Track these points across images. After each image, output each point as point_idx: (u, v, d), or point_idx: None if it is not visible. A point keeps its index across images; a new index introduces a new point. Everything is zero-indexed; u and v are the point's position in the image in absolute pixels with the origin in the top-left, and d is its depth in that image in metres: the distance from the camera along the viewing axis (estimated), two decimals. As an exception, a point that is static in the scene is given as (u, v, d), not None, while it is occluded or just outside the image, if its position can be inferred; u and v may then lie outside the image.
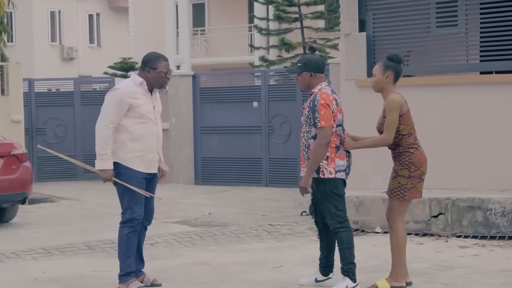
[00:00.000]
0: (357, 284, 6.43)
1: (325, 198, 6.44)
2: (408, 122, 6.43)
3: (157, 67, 6.62)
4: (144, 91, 6.61)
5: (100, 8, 40.11)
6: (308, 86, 6.59)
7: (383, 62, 6.54)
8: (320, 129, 6.38)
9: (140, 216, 6.62)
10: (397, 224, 6.46)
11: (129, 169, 6.58)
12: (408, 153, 6.42)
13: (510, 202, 8.90)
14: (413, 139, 6.46)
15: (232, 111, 16.00)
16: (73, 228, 10.41)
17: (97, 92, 19.85)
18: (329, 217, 6.46)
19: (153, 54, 6.78)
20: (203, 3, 32.25)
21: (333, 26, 21.80)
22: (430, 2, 10.66)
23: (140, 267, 6.85)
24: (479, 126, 9.96)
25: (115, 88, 6.64)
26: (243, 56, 29.17)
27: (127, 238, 6.60)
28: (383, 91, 6.52)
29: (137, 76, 6.66)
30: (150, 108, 6.63)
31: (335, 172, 6.42)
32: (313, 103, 6.44)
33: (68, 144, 18.19)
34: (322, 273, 6.77)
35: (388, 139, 6.40)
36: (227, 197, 13.96)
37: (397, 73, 6.52)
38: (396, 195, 6.44)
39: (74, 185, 16.98)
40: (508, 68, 10.25)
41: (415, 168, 6.41)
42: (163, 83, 6.71)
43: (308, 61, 6.61)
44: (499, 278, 6.94)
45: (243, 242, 9.20)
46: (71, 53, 37.94)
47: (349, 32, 10.79)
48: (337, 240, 6.47)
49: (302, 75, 6.58)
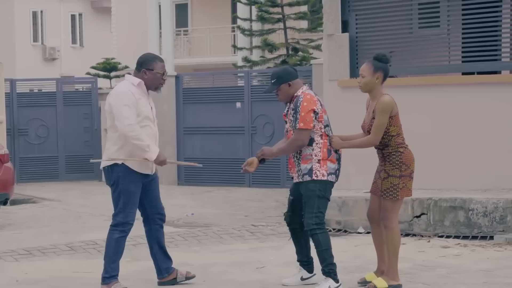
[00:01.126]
0: (339, 284, 6.45)
1: (311, 197, 6.44)
2: (397, 123, 6.49)
3: (153, 68, 6.59)
4: (143, 92, 6.57)
5: (83, 8, 39.97)
6: (289, 96, 6.58)
7: (372, 63, 6.56)
8: (298, 130, 6.40)
9: (132, 220, 6.57)
10: (392, 223, 6.50)
11: (128, 170, 6.50)
12: (398, 152, 6.47)
13: (491, 202, 8.95)
14: (402, 139, 6.52)
15: (215, 111, 15.99)
16: (55, 229, 10.37)
17: (80, 92, 19.79)
18: (308, 216, 6.45)
19: (149, 55, 6.76)
20: (186, 4, 32.21)
21: (316, 27, 21.80)
22: (413, 3, 10.70)
23: (169, 264, 6.86)
24: (461, 126, 10.00)
25: (119, 92, 6.51)
26: (226, 56, 29.16)
27: (116, 243, 6.56)
28: (372, 91, 6.55)
29: (134, 77, 6.60)
30: (149, 109, 6.61)
31: (327, 174, 6.44)
32: (295, 105, 6.45)
33: (50, 144, 18.13)
34: (307, 271, 6.80)
35: (376, 141, 6.45)
36: (210, 198, 13.95)
37: (386, 73, 6.57)
38: (389, 196, 6.47)
39: (56, 186, 16.91)
40: (490, 69, 10.32)
41: (406, 167, 6.47)
42: (158, 84, 6.67)
43: (279, 74, 6.61)
44: (480, 278, 6.97)
45: (226, 242, 9.19)
46: (53, 54, 37.77)
47: (332, 33, 10.80)
48: (315, 242, 6.47)
49: (281, 88, 6.57)
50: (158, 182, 6.85)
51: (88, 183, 17.54)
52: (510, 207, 8.83)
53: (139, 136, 6.42)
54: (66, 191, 15.77)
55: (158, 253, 6.83)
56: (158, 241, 6.82)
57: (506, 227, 8.85)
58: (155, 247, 6.82)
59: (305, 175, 6.46)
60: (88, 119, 18.38)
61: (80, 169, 18.22)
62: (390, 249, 6.52)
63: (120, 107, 6.42)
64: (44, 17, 38.20)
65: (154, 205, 6.76)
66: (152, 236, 6.82)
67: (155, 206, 6.76)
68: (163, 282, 6.87)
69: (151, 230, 6.80)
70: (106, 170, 6.60)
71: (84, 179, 18.03)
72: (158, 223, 6.81)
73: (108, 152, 6.58)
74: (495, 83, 10.07)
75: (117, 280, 6.61)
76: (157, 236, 6.81)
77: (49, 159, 18.17)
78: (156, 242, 6.82)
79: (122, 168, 6.50)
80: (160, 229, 6.84)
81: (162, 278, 6.87)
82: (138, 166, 6.54)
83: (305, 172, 6.46)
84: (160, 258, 6.83)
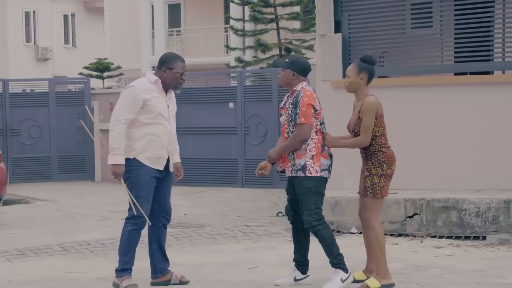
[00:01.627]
0: (349, 273, 6.51)
1: (307, 194, 6.48)
2: (381, 124, 6.56)
3: (173, 67, 6.64)
4: (159, 89, 6.62)
5: (76, 8, 39.93)
6: (287, 84, 6.64)
7: (357, 64, 6.64)
8: (299, 125, 6.44)
9: (145, 214, 6.57)
10: (373, 222, 6.55)
11: (140, 165, 6.54)
12: (380, 152, 6.54)
13: (484, 202, 8.96)
14: (385, 140, 6.60)
15: (208, 111, 15.98)
16: (47, 229, 10.35)
17: (72, 92, 19.78)
18: (307, 213, 6.49)
19: (170, 54, 6.83)
20: (179, 4, 32.20)
21: (309, 27, 21.83)
22: (405, 4, 10.71)
23: (165, 265, 6.87)
24: (454, 127, 10.02)
25: (130, 85, 6.62)
26: (219, 56, 29.16)
27: (128, 235, 6.61)
28: (356, 92, 6.63)
29: (152, 75, 6.67)
30: (164, 106, 6.63)
31: (321, 170, 6.49)
32: (295, 100, 6.49)
33: (43, 145, 18.10)
34: (301, 272, 6.81)
35: (366, 141, 6.52)
36: (202, 198, 13.94)
37: (371, 74, 6.62)
38: (369, 193, 6.54)
39: (49, 186, 16.88)
40: (483, 69, 10.33)
41: (387, 166, 6.54)
42: (178, 84, 6.74)
43: (296, 61, 6.69)
44: (473, 278, 6.98)
45: (219, 243, 9.19)
46: (46, 54, 37.72)
47: (324, 33, 10.81)
48: (318, 237, 6.53)
49: (286, 71, 6.63)
50: (170, 181, 6.85)
51: (81, 183, 17.52)
52: (502, 207, 8.85)
53: (117, 134, 6.45)
54: (59, 191, 15.74)
55: (156, 252, 6.84)
56: (158, 240, 6.83)
57: (498, 227, 8.87)
58: (154, 245, 6.84)
59: (299, 171, 6.50)
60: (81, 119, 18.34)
61: (73, 169, 18.20)
62: (375, 247, 6.56)
63: (121, 99, 6.54)
64: (37, 17, 38.15)
65: (162, 203, 6.78)
66: (154, 234, 6.83)
67: (162, 204, 6.79)
68: (156, 282, 6.86)
69: (153, 227, 6.81)
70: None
71: (77, 179, 18.01)
72: (161, 222, 6.82)
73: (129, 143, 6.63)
74: (488, 83, 10.09)
75: (130, 275, 6.62)
76: (159, 234, 6.83)
77: (42, 159, 18.14)
78: (156, 240, 6.83)
79: (133, 162, 6.55)
80: (163, 228, 6.86)
81: (155, 278, 6.86)
82: (149, 161, 6.57)
83: (299, 168, 6.49)
84: (157, 257, 6.84)
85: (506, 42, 10.20)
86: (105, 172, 18.13)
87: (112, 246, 8.85)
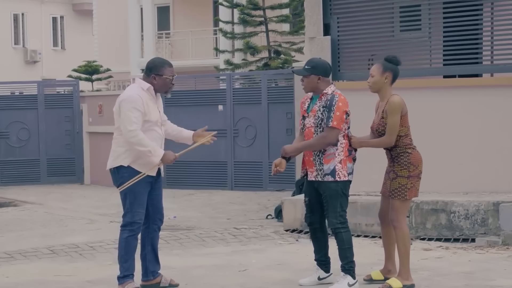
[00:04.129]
0: (356, 280, 6.58)
1: (334, 197, 6.52)
2: (406, 123, 6.60)
3: (163, 74, 6.63)
4: (151, 96, 6.62)
5: (64, 11, 39.83)
6: (314, 89, 6.65)
7: (381, 63, 6.67)
8: (331, 129, 6.46)
9: (140, 219, 6.61)
10: (401, 224, 6.60)
11: (134, 172, 6.54)
12: (406, 153, 6.58)
13: (473, 204, 8.99)
14: (409, 140, 6.63)
15: (197, 114, 15.97)
16: (36, 232, 10.32)
17: (61, 95, 19.74)
18: (332, 215, 6.54)
19: (158, 60, 6.79)
20: (168, 6, 32.17)
21: (298, 30, 21.82)
22: (394, 7, 10.74)
23: (157, 268, 6.88)
24: (443, 129, 10.04)
25: (127, 95, 6.53)
26: (208, 59, 29.13)
27: (126, 242, 6.61)
28: (380, 91, 6.65)
29: (144, 82, 6.63)
30: (156, 112, 6.65)
31: (348, 174, 6.56)
32: (330, 103, 6.50)
33: (32, 147, 18.06)
34: (324, 271, 6.85)
35: (392, 141, 6.56)
36: (192, 201, 13.93)
37: (395, 74, 6.67)
38: (398, 196, 6.56)
39: (37, 189, 16.84)
40: (471, 72, 10.37)
41: (414, 167, 6.58)
42: (168, 89, 6.74)
43: (316, 64, 6.68)
44: (462, 280, 7.00)
45: (208, 245, 9.18)
46: (34, 56, 37.61)
47: (313, 36, 10.82)
48: (338, 240, 6.57)
49: (310, 78, 6.63)
50: (161, 182, 6.88)
51: (69, 186, 17.48)
52: (491, 209, 8.88)
53: (140, 142, 6.46)
54: (47, 194, 15.70)
55: (149, 254, 6.85)
56: (152, 242, 6.85)
57: (487, 229, 8.89)
58: (147, 247, 6.85)
59: (327, 175, 6.52)
60: (69, 122, 18.31)
61: (62, 172, 18.16)
62: (401, 249, 6.61)
63: (127, 111, 6.48)
64: (25, 20, 38.03)
65: (156, 205, 6.81)
66: (148, 236, 6.85)
67: (157, 206, 6.81)
68: (146, 285, 6.85)
69: (148, 230, 6.83)
70: (113, 171, 6.65)
71: (66, 182, 17.97)
72: (156, 224, 6.85)
73: (115, 154, 6.62)
74: (476, 86, 10.13)
75: (132, 280, 6.63)
76: (153, 237, 6.85)
77: (30, 162, 18.10)
78: (150, 242, 6.85)
79: (127, 169, 6.56)
80: (157, 231, 6.88)
81: (146, 281, 6.86)
82: (143, 168, 6.58)
83: (327, 173, 6.52)
84: (150, 260, 6.85)
85: (494, 45, 10.24)
86: (94, 175, 18.11)
87: (101, 249, 8.84)
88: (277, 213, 10.86)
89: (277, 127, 14.99)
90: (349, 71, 10.97)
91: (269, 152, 15.14)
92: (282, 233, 9.76)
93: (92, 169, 18.12)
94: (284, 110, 14.93)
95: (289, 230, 9.84)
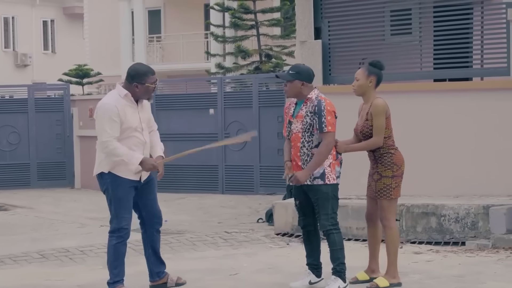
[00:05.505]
0: (347, 284, 6.61)
1: (326, 199, 6.57)
2: (389, 125, 6.76)
3: (145, 82, 6.57)
4: (130, 102, 6.57)
5: (55, 14, 39.75)
6: (297, 94, 6.67)
7: (366, 67, 6.81)
8: (327, 134, 6.51)
9: (127, 225, 6.60)
10: (390, 223, 6.74)
11: (115, 177, 6.53)
12: (389, 154, 6.73)
13: (463, 208, 9.00)
14: (392, 141, 6.78)
15: (188, 118, 15.97)
16: (26, 237, 10.28)
17: (52, 99, 19.69)
18: (324, 218, 6.57)
19: (140, 67, 6.67)
20: (159, 10, 32.16)
21: (289, 34, 21.87)
22: (385, 11, 10.77)
23: (161, 269, 6.91)
24: (433, 133, 10.07)
25: (103, 104, 6.51)
26: (199, 63, 29.14)
27: (114, 249, 6.61)
28: (364, 95, 6.79)
29: (122, 89, 6.58)
30: (136, 118, 6.59)
31: (336, 178, 6.63)
32: (318, 108, 6.53)
33: (22, 151, 18.00)
34: (316, 275, 6.86)
35: (380, 142, 6.69)
36: (183, 205, 13.92)
37: (379, 78, 6.82)
38: (384, 196, 6.71)
39: (27, 193, 16.78)
40: (461, 75, 10.40)
41: (397, 167, 6.74)
42: (150, 95, 6.71)
43: (301, 70, 6.72)
44: (452, 283, 7.01)
45: (199, 249, 9.17)
46: (25, 60, 37.51)
47: (304, 40, 10.84)
48: (330, 241, 6.61)
49: (294, 83, 6.66)
50: (154, 185, 6.86)
51: (60, 190, 17.43)
52: (481, 213, 8.90)
53: (113, 151, 6.45)
54: (38, 198, 15.65)
55: (151, 257, 6.89)
56: (152, 245, 6.87)
57: (477, 233, 8.91)
58: (148, 250, 6.89)
59: (317, 179, 6.57)
60: (60, 126, 18.26)
61: (52, 176, 18.11)
62: (390, 248, 6.75)
63: (100, 120, 6.47)
64: (16, 23, 37.93)
65: (150, 209, 6.81)
66: (148, 240, 6.88)
67: (152, 209, 6.82)
68: (154, 285, 6.91)
69: (146, 233, 6.87)
70: (98, 177, 6.66)
71: (56, 186, 17.91)
72: (154, 227, 6.86)
73: (98, 160, 6.63)
74: (467, 89, 10.15)
75: (122, 284, 6.64)
76: (152, 239, 6.87)
77: (20, 166, 18.04)
78: (150, 245, 6.87)
79: (109, 175, 6.56)
80: (156, 234, 6.89)
81: (153, 281, 6.92)
82: (125, 172, 6.56)
83: (317, 176, 6.56)
84: (152, 262, 6.89)
85: (484, 49, 10.28)
86: (84, 179, 18.06)
87: (91, 253, 8.82)
88: (268, 217, 10.85)
89: (268, 131, 14.99)
90: (340, 74, 10.99)
91: (260, 156, 15.14)
92: (273, 237, 9.76)
93: (83, 173, 18.08)
94: (275, 114, 14.93)
95: (280, 234, 9.84)
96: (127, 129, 6.51)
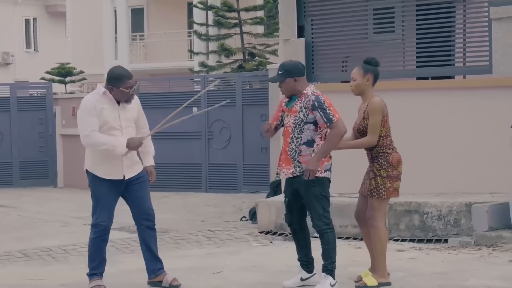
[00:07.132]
0: (336, 281, 6.59)
1: (315, 199, 6.52)
2: (386, 124, 6.67)
3: (119, 86, 6.62)
4: (109, 100, 6.64)
5: (37, 12, 39.58)
6: (293, 91, 6.62)
7: (361, 66, 6.72)
8: (337, 122, 6.43)
9: (103, 222, 6.69)
10: (378, 222, 6.65)
11: (94, 177, 6.69)
12: (386, 153, 6.65)
13: (446, 206, 9.04)
14: (389, 141, 6.70)
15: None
16: (9, 236, 10.24)
17: (34, 97, 19.61)
18: (316, 218, 6.54)
19: (117, 72, 6.71)
20: (142, 8, 32.08)
21: (273, 32, 21.85)
22: (368, 9, 10.79)
23: (157, 266, 6.95)
24: (415, 131, 10.10)
25: (82, 101, 6.68)
26: (182, 61, 29.08)
27: (91, 243, 6.77)
28: (363, 94, 6.72)
29: (101, 87, 6.70)
30: (115, 117, 6.64)
31: (324, 171, 6.52)
32: (318, 102, 6.46)
33: (4, 150, 17.92)
34: (307, 271, 6.83)
35: (373, 141, 6.61)
36: (166, 203, 13.89)
37: (376, 75, 6.76)
38: (376, 195, 6.63)
39: (10, 192, 16.70)
40: (444, 74, 10.44)
41: (393, 168, 6.65)
42: (127, 98, 6.74)
43: (289, 67, 6.66)
44: (435, 281, 7.04)
45: (183, 248, 9.17)
46: (7, 58, 37.34)
47: (288, 38, 10.85)
48: (323, 240, 6.57)
49: (286, 82, 6.60)
50: (145, 182, 6.92)
51: (43, 189, 17.36)
52: (464, 210, 8.94)
53: (98, 142, 6.55)
54: (20, 197, 15.58)
55: (145, 253, 6.95)
56: (144, 242, 6.92)
57: (460, 230, 8.95)
58: (142, 247, 6.97)
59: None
60: (43, 125, 18.20)
61: (35, 175, 18.04)
62: (377, 247, 6.69)
63: (81, 116, 6.62)
64: (-2, 21, 37.75)
65: (139, 206, 6.86)
66: (140, 237, 6.95)
67: (140, 207, 6.86)
68: (151, 282, 6.99)
69: (139, 230, 6.95)
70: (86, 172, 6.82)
71: (39, 185, 17.85)
72: (143, 224, 6.89)
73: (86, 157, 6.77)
74: (449, 88, 10.19)
75: (99, 277, 6.74)
76: (144, 236, 6.92)
77: (3, 165, 17.96)
78: (143, 242, 6.94)
79: (89, 174, 6.73)
80: (147, 230, 6.91)
81: (149, 279, 7.00)
82: (102, 173, 6.66)
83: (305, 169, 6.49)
84: (147, 258, 6.95)
85: (466, 47, 10.32)
86: (67, 178, 18.01)
87: (74, 252, 8.79)
88: (252, 215, 10.86)
89: (252, 129, 14.99)
90: (323, 73, 11.01)
91: (244, 154, 15.15)
92: (256, 235, 9.76)
93: (66, 172, 18.02)
94: (258, 112, 14.93)
95: (264, 232, 9.84)
96: (104, 125, 6.58)
